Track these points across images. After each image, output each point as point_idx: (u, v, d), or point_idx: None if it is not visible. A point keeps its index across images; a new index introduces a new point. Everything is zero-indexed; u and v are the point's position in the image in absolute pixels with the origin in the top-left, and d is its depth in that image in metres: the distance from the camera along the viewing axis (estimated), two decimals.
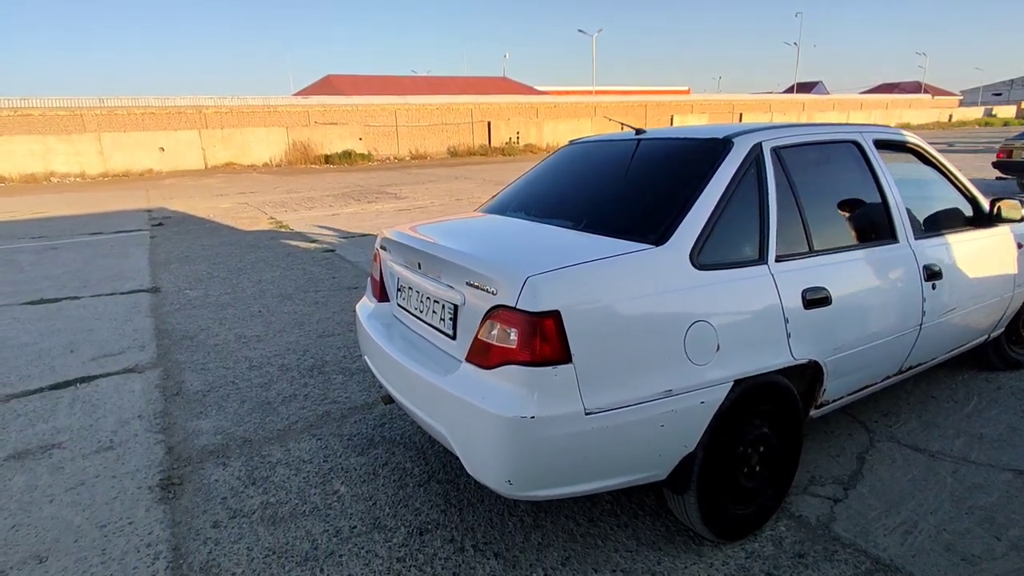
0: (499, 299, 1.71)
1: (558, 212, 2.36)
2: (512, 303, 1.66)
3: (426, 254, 2.09)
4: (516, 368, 1.64)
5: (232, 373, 3.75)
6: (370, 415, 3.14)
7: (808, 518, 2.21)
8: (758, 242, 2.03)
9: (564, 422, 1.63)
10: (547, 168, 2.85)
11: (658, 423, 1.75)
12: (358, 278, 6.13)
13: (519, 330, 1.63)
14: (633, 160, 2.41)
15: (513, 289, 1.66)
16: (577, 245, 1.96)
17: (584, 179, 2.56)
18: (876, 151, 2.52)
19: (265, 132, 26.53)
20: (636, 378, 1.71)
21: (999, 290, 2.91)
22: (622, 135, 2.73)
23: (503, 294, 1.69)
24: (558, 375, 1.62)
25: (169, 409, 3.27)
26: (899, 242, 2.45)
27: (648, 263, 1.81)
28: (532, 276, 1.65)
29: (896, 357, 2.49)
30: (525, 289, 1.64)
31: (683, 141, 2.33)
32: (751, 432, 2.02)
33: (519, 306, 1.64)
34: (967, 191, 2.89)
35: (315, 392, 3.45)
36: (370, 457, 2.73)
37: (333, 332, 4.50)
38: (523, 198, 2.66)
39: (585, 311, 1.66)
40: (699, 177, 2.04)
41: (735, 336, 1.88)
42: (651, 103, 41.62)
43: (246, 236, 8.88)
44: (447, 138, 32.47)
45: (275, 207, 12.20)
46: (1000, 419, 2.88)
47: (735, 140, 2.14)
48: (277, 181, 18.83)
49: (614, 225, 2.06)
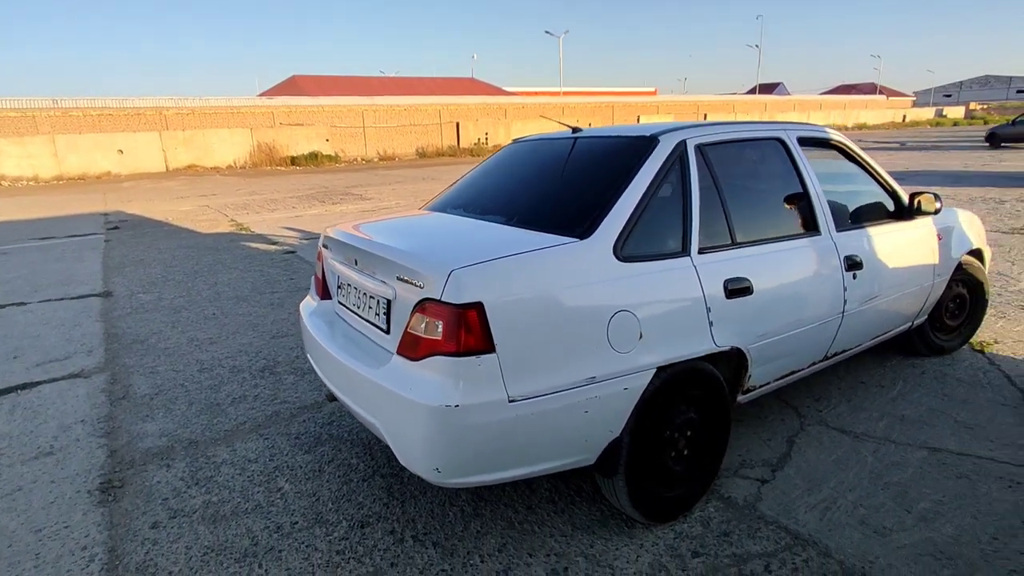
0: (426, 292, 1.76)
1: (494, 209, 2.42)
2: (438, 296, 1.71)
3: (362, 251, 2.13)
4: (442, 359, 1.69)
5: (182, 376, 3.72)
6: (319, 414, 3.15)
7: (736, 499, 2.31)
8: (681, 235, 2.12)
9: (488, 410, 1.68)
10: (489, 166, 2.91)
11: (582, 409, 1.82)
12: None
13: (444, 322, 1.69)
14: (569, 158, 2.48)
15: (438, 282, 1.71)
16: (505, 239, 2.02)
17: (522, 177, 2.63)
18: (800, 148, 2.64)
19: (229, 133, 26.05)
20: (559, 366, 1.78)
21: (920, 279, 3.07)
22: (562, 134, 2.80)
23: (429, 287, 1.75)
24: (482, 365, 1.67)
25: (114, 413, 3.23)
26: (821, 234, 2.57)
27: (572, 256, 1.88)
28: (456, 269, 1.70)
29: (821, 344, 2.62)
30: (449, 282, 1.69)
31: (614, 139, 2.41)
32: (678, 417, 2.11)
33: (444, 299, 1.69)
34: (888, 185, 3.04)
35: (265, 393, 3.44)
36: (316, 455, 2.75)
37: (287, 333, 4.48)
38: (464, 196, 2.71)
39: (508, 303, 1.72)
40: (625, 173, 2.12)
41: (658, 325, 1.96)
42: (618, 104, 42.14)
43: (205, 239, 8.74)
44: (415, 139, 32.34)
45: (237, 209, 12.01)
46: (921, 401, 3.04)
47: (661, 138, 2.23)
48: (240, 183, 18.51)
49: (544, 220, 2.13)
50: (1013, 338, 3.84)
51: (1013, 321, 4.15)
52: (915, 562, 1.95)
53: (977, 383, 3.23)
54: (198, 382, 3.62)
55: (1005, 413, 2.89)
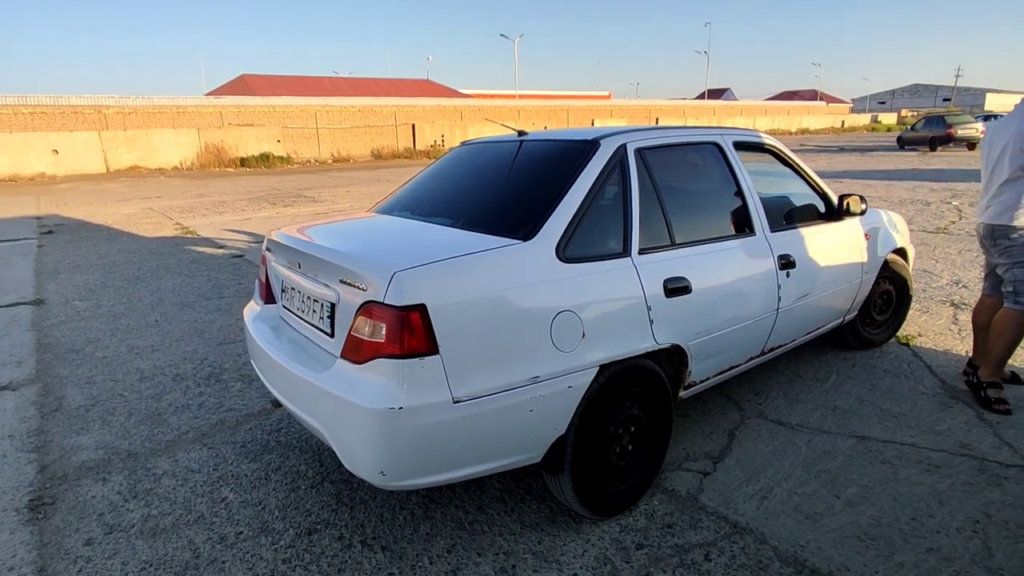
0: (369, 295, 1.76)
1: (441, 211, 2.43)
2: (380, 298, 1.71)
3: (304, 254, 2.11)
4: (385, 361, 1.70)
5: (120, 386, 3.58)
6: (267, 421, 3.09)
7: (679, 491, 2.39)
8: (622, 236, 2.19)
9: (432, 411, 1.70)
10: (437, 169, 2.92)
11: (527, 408, 1.85)
12: None
13: (387, 324, 1.69)
14: (515, 161, 2.52)
15: (381, 285, 1.72)
16: (449, 241, 2.04)
17: (469, 179, 2.65)
18: (735, 152, 2.75)
19: (174, 134, 25.11)
20: (503, 366, 1.81)
21: (849, 276, 3.24)
22: (508, 137, 2.84)
23: (372, 290, 1.75)
24: (425, 366, 1.69)
25: (45, 426, 3.08)
26: (756, 235, 2.69)
27: (514, 257, 1.91)
28: (398, 272, 1.71)
29: (757, 340, 2.74)
30: (392, 284, 1.70)
31: (557, 143, 2.46)
32: (621, 413, 2.17)
33: (387, 301, 1.70)
34: (819, 188, 3.20)
35: (210, 401, 3.35)
36: (263, 463, 2.70)
37: (235, 339, 4.37)
38: (411, 198, 2.71)
39: (451, 304, 1.74)
40: (567, 176, 2.17)
41: (600, 324, 2.02)
42: (573, 108, 42.67)
43: (148, 243, 8.42)
44: (370, 141, 31.92)
45: (182, 212, 11.60)
46: (852, 392, 3.21)
47: (602, 142, 2.29)
48: (187, 185, 17.88)
49: (489, 222, 2.16)
50: (935, 331, 4.10)
51: (935, 316, 4.42)
52: (841, 544, 2.06)
53: (901, 374, 3.43)
54: (138, 392, 3.49)
55: (925, 401, 3.09)
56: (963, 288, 5.10)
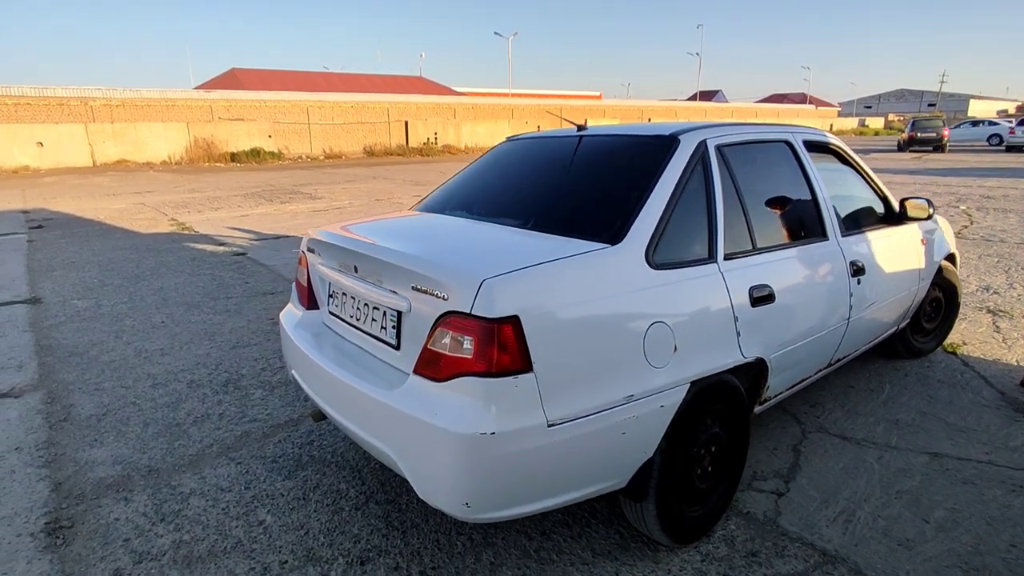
0: (451, 305, 1.57)
1: (502, 210, 2.25)
2: (466, 309, 1.53)
3: (364, 256, 1.91)
4: (472, 380, 1.51)
5: (132, 393, 3.35)
6: (296, 432, 2.88)
7: (755, 514, 2.23)
8: (707, 240, 2.02)
9: (526, 436, 1.52)
10: (486, 165, 2.73)
11: (620, 430, 1.67)
12: (274, 283, 5.73)
13: (475, 338, 1.51)
14: (576, 157, 2.34)
15: (467, 293, 1.53)
16: (530, 245, 1.85)
17: (527, 176, 2.46)
18: (806, 151, 2.60)
19: (163, 127, 24.61)
20: (598, 384, 1.63)
21: (909, 283, 3.10)
22: (562, 131, 2.66)
23: (455, 299, 1.56)
24: (519, 386, 1.50)
25: (55, 438, 2.85)
26: (828, 239, 2.54)
27: (606, 263, 1.74)
28: (488, 279, 1.53)
29: (828, 350, 2.58)
30: (481, 293, 1.51)
31: (628, 138, 2.29)
32: (704, 433, 2.00)
33: (474, 312, 1.51)
34: (880, 190, 3.06)
35: (231, 410, 3.13)
36: (299, 480, 2.49)
37: (249, 342, 4.15)
38: (463, 196, 2.52)
39: (545, 315, 1.56)
40: (648, 175, 2.00)
41: (690, 337, 1.85)
42: (566, 107, 42.53)
43: (144, 239, 8.12)
44: (363, 137, 31.55)
45: (176, 207, 11.28)
46: (911, 405, 3.08)
47: (681, 137, 2.12)
48: (178, 180, 17.48)
49: (564, 224, 1.98)
50: (978, 339, 3.98)
51: (975, 323, 4.31)
52: (944, 575, 1.91)
53: (957, 384, 3.30)
54: (152, 399, 3.27)
55: (990, 415, 2.95)
56: (995, 294, 5.01)
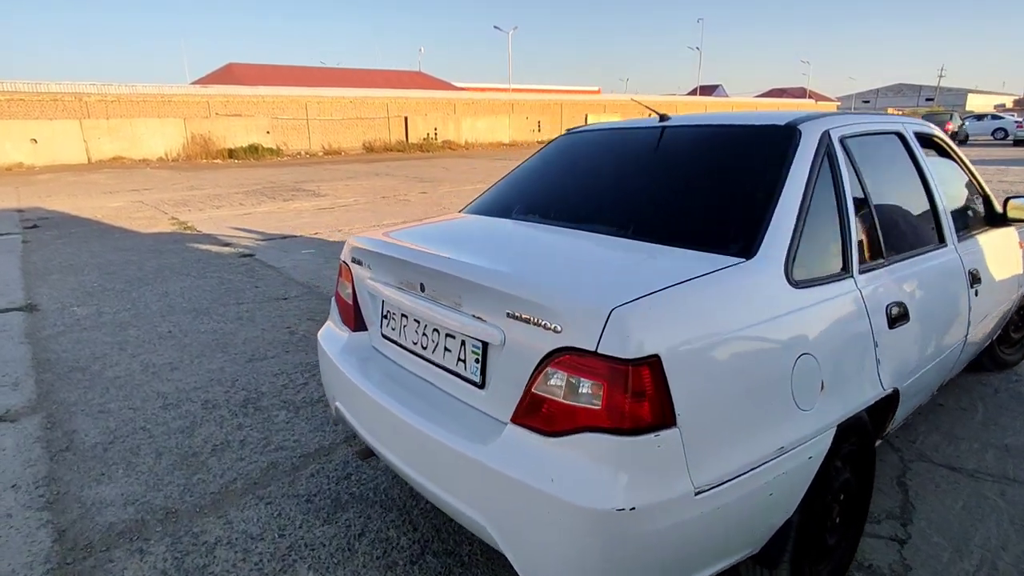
0: (566, 339, 1.23)
1: (588, 216, 1.91)
2: (589, 345, 1.19)
3: (436, 272, 1.57)
4: (601, 438, 1.18)
5: (141, 415, 3.01)
6: (329, 464, 2.55)
7: (881, 568, 1.91)
8: (841, 251, 1.69)
9: (670, 510, 1.19)
10: (548, 162, 2.39)
11: (768, 491, 1.35)
12: (286, 287, 5.38)
13: (605, 384, 1.17)
14: (665, 151, 2.01)
15: (591, 326, 1.19)
16: (647, 261, 1.52)
17: (608, 174, 2.12)
18: (918, 143, 2.27)
19: (159, 123, 24.14)
20: (747, 437, 1.30)
21: (1010, 291, 2.79)
22: (634, 122, 2.32)
23: (573, 332, 1.22)
24: (662, 445, 1.17)
25: (57, 472, 2.51)
26: (947, 245, 2.21)
27: (744, 282, 1.40)
28: (619, 308, 1.19)
29: (945, 372, 2.27)
30: (611, 326, 1.17)
31: (734, 129, 1.95)
32: (836, 480, 1.68)
33: (603, 350, 1.17)
34: (982, 188, 2.73)
35: (253, 436, 2.80)
36: (340, 525, 2.16)
37: (265, 354, 3.81)
38: (530, 198, 2.18)
39: (688, 352, 1.23)
40: (772, 172, 1.66)
41: (836, 370, 1.52)
42: (566, 102, 42.06)
43: (144, 240, 7.75)
44: (362, 133, 31.09)
45: (176, 206, 10.90)
46: (1016, 427, 2.76)
47: (801, 128, 1.79)
48: (176, 177, 17.06)
49: (675, 232, 1.65)
50: None
51: None
52: None
53: None
54: (164, 423, 2.93)
55: None
56: None
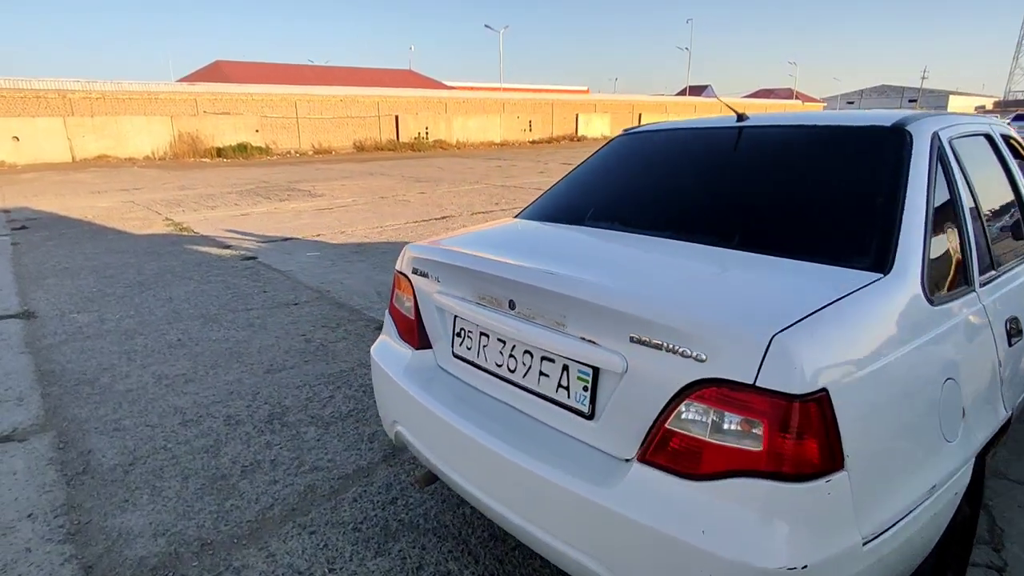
0: (713, 369, 1.08)
1: (681, 223, 1.75)
2: (745, 378, 1.04)
3: (533, 288, 1.41)
4: (761, 484, 1.03)
5: (160, 433, 2.81)
6: (372, 487, 2.38)
7: None
8: (963, 262, 1.55)
9: (841, 565, 1.04)
10: (611, 165, 2.24)
11: (920, 536, 1.21)
12: (295, 291, 5.18)
13: (765, 423, 1.02)
14: (748, 153, 1.86)
15: (747, 355, 1.04)
16: (781, 277, 1.37)
17: (687, 177, 1.97)
18: (1005, 144, 2.15)
19: (146, 121, 23.66)
20: (907, 476, 1.16)
21: None
22: (704, 122, 2.18)
23: (723, 362, 1.07)
24: (832, 492, 1.03)
25: (76, 499, 2.32)
26: None
27: (889, 301, 1.26)
28: (780, 334, 1.04)
29: None
30: (773, 355, 1.02)
31: (829, 129, 1.81)
32: (959, 514, 1.54)
33: (763, 383, 1.03)
34: None
35: (284, 456, 2.62)
36: (394, 558, 1.99)
37: (284, 364, 3.62)
38: (603, 204, 2.03)
39: (852, 383, 1.08)
40: (889, 177, 1.53)
41: (973, 394, 1.39)
42: (557, 101, 42.00)
43: (140, 241, 7.49)
44: (352, 132, 30.75)
45: (169, 206, 10.60)
46: None
47: (910, 128, 1.65)
48: (164, 176, 16.69)
49: (791, 243, 1.50)
50: None
51: None
52: None
53: None
54: (186, 442, 2.73)
55: None
56: None
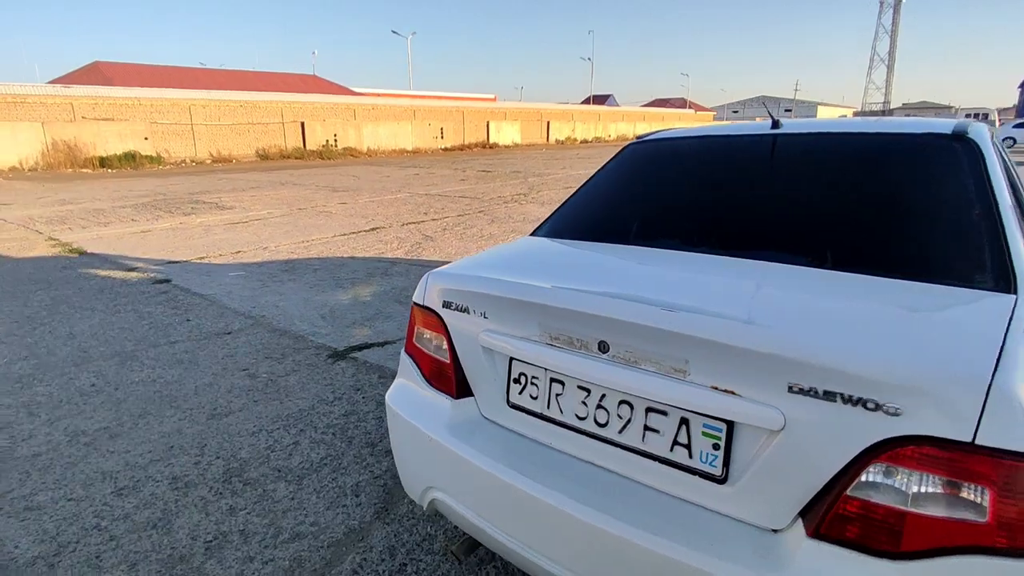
0: (911, 424, 0.90)
1: (755, 241, 1.58)
2: (959, 435, 0.87)
3: (639, 327, 1.16)
4: (993, 563, 0.86)
5: (89, 508, 2.29)
6: (371, 553, 2.04)
7: None
8: None
9: None
10: (639, 175, 2.05)
11: None
12: (224, 318, 4.61)
13: (992, 491, 0.85)
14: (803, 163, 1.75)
15: (962, 406, 0.87)
16: (927, 304, 1.22)
17: (743, 189, 1.79)
18: None
19: (11, 129, 20.97)
20: None
21: None
22: (733, 129, 2.05)
23: (926, 415, 0.89)
24: None
25: None
26: None
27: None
28: (995, 379, 0.87)
29: None
30: (993, 406, 0.86)
31: (882, 138, 1.71)
32: None
33: (982, 440, 0.86)
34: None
35: (255, 523, 2.20)
36: None
37: (229, 407, 3.13)
38: (649, 219, 1.83)
39: None
40: (976, 186, 1.45)
41: None
42: (468, 109, 41.97)
43: (22, 267, 6.46)
44: (255, 139, 29.00)
45: (52, 224, 9.32)
46: None
47: (971, 134, 1.59)
48: (38, 189, 14.79)
49: (895, 261, 1.37)
50: None
51: None
52: None
53: None
54: (125, 516, 2.24)
55: None
56: None
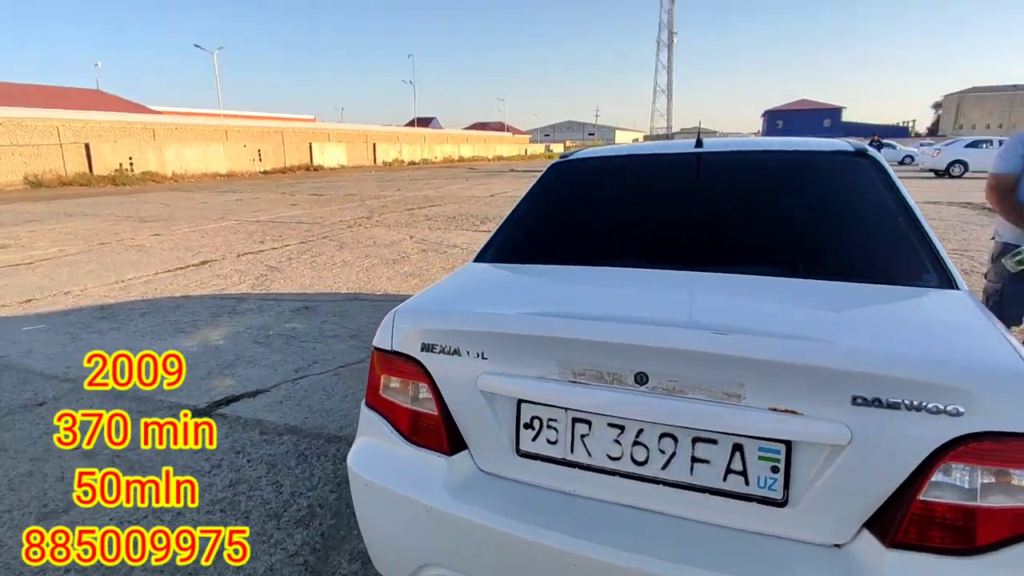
0: (972, 422, 0.97)
1: (724, 256, 1.62)
2: (1018, 426, 0.96)
3: (684, 353, 1.09)
4: None
5: None
6: None
7: None
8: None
9: None
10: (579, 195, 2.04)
11: None
12: (29, 383, 3.69)
13: None
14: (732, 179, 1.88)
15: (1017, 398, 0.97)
16: (920, 304, 1.35)
17: (693, 206, 1.83)
18: None
19: None
20: None
21: None
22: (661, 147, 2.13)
23: (985, 412, 0.97)
24: None
25: None
26: None
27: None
28: None
29: None
30: None
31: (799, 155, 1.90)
32: None
33: None
34: None
35: None
36: None
37: (64, 504, 2.49)
38: (609, 239, 1.82)
39: None
40: (893, 197, 1.69)
41: None
42: (288, 130, 39.69)
43: None
44: (22, 163, 24.26)
45: None
46: None
47: (870, 152, 1.84)
48: None
49: (855, 267, 1.53)
50: None
51: None
52: None
53: None
54: None
55: None
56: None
